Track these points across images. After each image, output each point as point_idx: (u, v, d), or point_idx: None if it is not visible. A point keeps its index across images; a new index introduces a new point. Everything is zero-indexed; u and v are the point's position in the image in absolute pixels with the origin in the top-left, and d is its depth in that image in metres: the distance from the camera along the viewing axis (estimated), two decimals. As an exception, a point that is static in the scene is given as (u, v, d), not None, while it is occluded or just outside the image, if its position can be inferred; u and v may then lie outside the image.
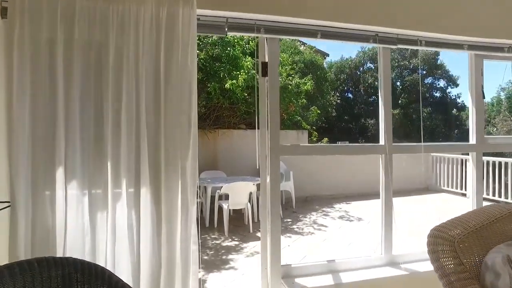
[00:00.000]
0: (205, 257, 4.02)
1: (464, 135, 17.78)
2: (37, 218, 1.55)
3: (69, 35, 1.60)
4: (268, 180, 2.07)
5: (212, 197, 5.37)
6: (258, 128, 2.09)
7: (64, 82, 1.61)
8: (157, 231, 1.71)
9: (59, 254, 1.55)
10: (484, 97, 2.47)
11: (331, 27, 2.12)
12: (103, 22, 1.63)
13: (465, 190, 7.58)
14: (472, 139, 2.49)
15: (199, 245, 1.78)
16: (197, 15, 1.78)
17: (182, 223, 1.72)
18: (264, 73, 2.10)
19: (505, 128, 19.36)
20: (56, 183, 1.58)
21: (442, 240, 1.51)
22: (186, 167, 1.73)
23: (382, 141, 2.31)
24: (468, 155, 2.58)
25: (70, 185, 1.62)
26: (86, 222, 1.63)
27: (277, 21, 2.02)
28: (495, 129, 19.51)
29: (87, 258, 1.61)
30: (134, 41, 1.68)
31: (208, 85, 6.48)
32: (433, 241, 1.54)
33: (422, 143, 2.31)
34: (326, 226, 5.36)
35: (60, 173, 1.59)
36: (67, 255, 1.58)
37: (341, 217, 5.98)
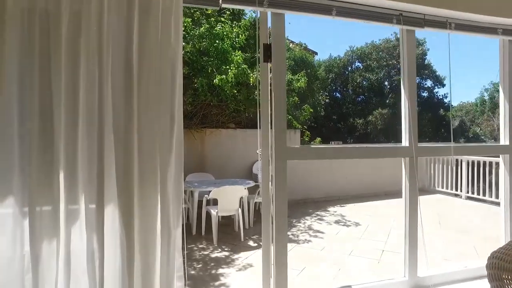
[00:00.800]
0: (192, 272, 3.58)
1: (449, 135, 17.97)
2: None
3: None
4: (272, 190, 1.66)
5: (199, 201, 4.92)
6: (260, 128, 1.68)
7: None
8: (128, 263, 1.27)
9: (-16, 303, 1.10)
10: (519, 91, 2.13)
11: (348, 2, 1.74)
12: (51, -22, 1.19)
13: (460, 191, 7.44)
14: (505, 140, 2.15)
15: (185, 278, 1.36)
16: (183, -22, 1.36)
17: (163, 252, 1.29)
18: (267, 58, 1.69)
19: (488, 128, 19.72)
20: (-19, 201, 1.12)
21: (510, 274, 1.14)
22: (167, 176, 1.30)
23: (405, 142, 1.94)
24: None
25: (4, 202, 1.17)
26: (27, 254, 1.18)
27: (284, -9, 1.62)
28: (479, 129, 19.84)
29: (27, 306, 1.16)
30: (96, 6, 1.24)
31: (195, 80, 6.00)
32: (497, 275, 1.18)
33: (452, 144, 1.96)
34: (322, 233, 5.00)
35: (-13, 187, 1.13)
36: (-3, 303, 1.12)
37: (337, 222, 5.64)
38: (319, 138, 8.76)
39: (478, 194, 7.01)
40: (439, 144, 2.04)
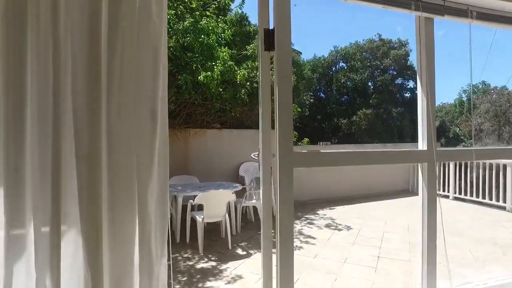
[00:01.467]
0: (177, 286, 3.25)
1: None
2: None
3: None
4: (276, 203, 1.39)
5: (184, 206, 4.59)
6: (261, 129, 1.40)
7: None
8: (94, 308, 0.95)
9: None
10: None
11: (363, -18, 1.49)
12: None
13: (448, 191, 7.45)
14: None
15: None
16: None
17: (141, 291, 0.98)
18: (269, 46, 1.41)
19: (467, 129, 20.29)
20: None
21: None
22: (147, 192, 1.00)
23: (422, 145, 1.72)
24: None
25: None
26: None
27: (290, -36, 1.35)
28: (458, 129, 20.39)
29: None
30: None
31: (179, 77, 5.64)
32: None
33: (473, 147, 1.75)
34: (314, 238, 4.77)
35: None
36: None
37: (328, 226, 5.44)
38: (307, 139, 8.56)
39: (466, 194, 7.05)
40: (459, 148, 1.82)
